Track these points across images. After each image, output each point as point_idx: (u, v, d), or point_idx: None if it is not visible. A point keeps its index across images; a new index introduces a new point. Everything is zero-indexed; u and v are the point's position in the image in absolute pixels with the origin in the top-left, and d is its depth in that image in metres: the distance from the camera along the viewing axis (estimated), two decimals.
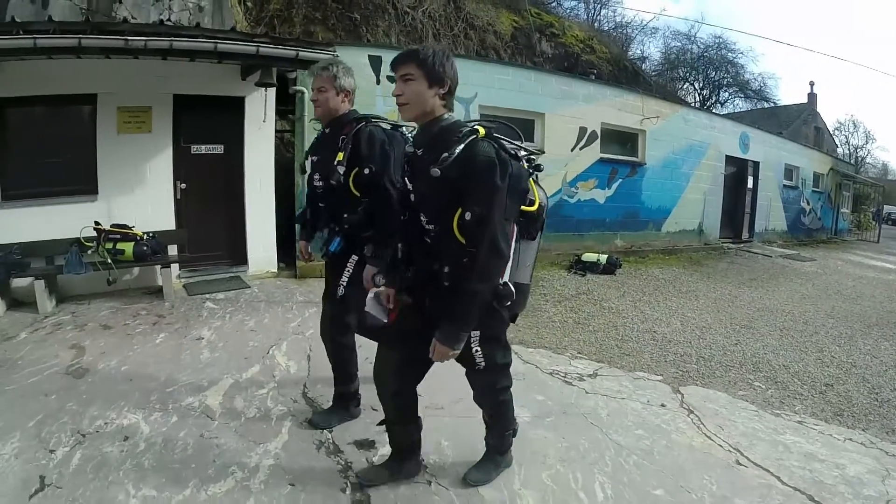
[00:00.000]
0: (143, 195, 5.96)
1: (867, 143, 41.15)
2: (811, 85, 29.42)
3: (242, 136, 6.49)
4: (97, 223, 5.50)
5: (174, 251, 6.09)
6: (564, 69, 12.88)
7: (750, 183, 13.85)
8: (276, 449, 2.71)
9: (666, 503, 2.43)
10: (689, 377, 4.11)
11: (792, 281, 8.89)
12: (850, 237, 20.23)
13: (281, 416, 3.07)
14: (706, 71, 26.62)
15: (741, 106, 28.15)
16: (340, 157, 2.57)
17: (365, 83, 6.63)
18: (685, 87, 26.73)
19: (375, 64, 7.18)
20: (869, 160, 41.78)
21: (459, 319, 1.96)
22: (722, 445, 3.01)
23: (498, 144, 1.97)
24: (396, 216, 2.27)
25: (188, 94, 6.09)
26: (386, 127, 2.70)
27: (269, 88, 6.23)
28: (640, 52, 24.35)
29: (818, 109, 29.30)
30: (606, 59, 15.78)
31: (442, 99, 2.01)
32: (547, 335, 4.97)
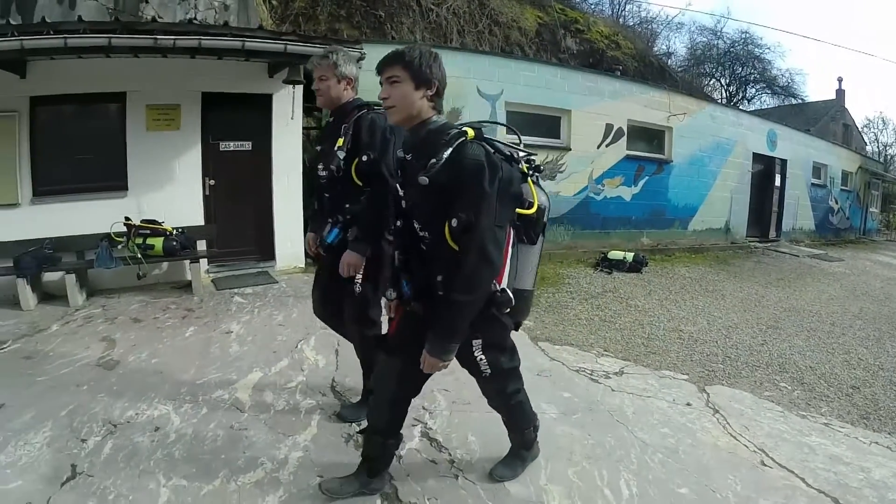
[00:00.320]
0: (172, 191, 6.06)
1: None
2: (839, 81, 28.44)
3: (270, 132, 6.56)
4: (127, 218, 5.59)
5: (203, 246, 6.19)
6: (589, 65, 12.74)
7: (777, 181, 13.58)
8: (305, 441, 2.74)
9: (690, 502, 2.42)
10: (714, 377, 4.08)
11: (819, 281, 8.72)
12: (878, 237, 19.75)
13: (310, 409, 3.10)
14: (733, 67, 25.99)
15: (768, 102, 27.44)
16: (340, 142, 2.54)
17: None
18: (711, 83, 26.18)
19: None
20: None
21: (446, 331, 1.90)
22: (747, 446, 2.98)
23: (488, 146, 1.89)
24: (389, 206, 2.22)
25: (216, 91, 6.18)
26: None
27: (296, 86, 6.27)
28: (665, 47, 23.98)
29: (846, 106, 28.50)
30: (632, 54, 15.57)
31: (430, 101, 1.95)
32: (573, 332, 4.97)
